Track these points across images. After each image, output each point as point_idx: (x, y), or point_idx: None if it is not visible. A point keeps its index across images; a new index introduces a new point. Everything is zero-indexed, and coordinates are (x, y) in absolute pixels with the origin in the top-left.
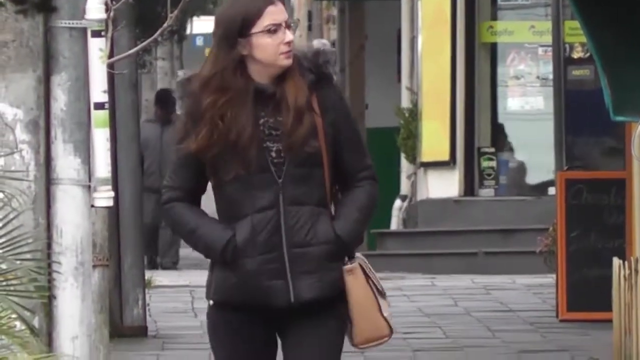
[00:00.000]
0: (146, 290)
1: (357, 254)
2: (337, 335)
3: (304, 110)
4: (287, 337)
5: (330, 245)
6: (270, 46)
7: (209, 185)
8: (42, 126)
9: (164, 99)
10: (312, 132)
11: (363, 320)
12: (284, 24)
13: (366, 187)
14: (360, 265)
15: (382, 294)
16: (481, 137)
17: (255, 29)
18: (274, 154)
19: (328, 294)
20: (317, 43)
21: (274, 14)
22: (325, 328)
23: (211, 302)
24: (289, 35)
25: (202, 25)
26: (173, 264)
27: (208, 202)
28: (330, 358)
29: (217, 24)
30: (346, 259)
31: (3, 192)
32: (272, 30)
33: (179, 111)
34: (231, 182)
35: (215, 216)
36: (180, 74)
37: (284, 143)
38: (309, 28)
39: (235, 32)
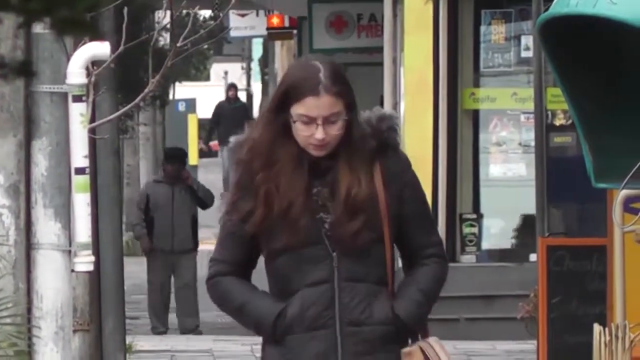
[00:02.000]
0: (127, 355)
1: (428, 340)
2: None
3: (357, 204)
4: None
5: (388, 326)
6: (301, 134)
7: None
8: (23, 191)
9: (173, 156)
10: (366, 226)
11: None
12: (320, 120)
13: (432, 265)
14: (421, 349)
15: None
16: (463, 203)
17: (292, 110)
18: (327, 226)
19: None
20: (379, 109)
21: (310, 108)
22: None
23: None
24: (319, 134)
25: (184, 90)
26: (196, 327)
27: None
28: None
29: (280, 81)
30: (409, 341)
31: None
32: (305, 122)
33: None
34: (281, 255)
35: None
36: (232, 139)
37: (332, 233)
38: None
39: (283, 101)
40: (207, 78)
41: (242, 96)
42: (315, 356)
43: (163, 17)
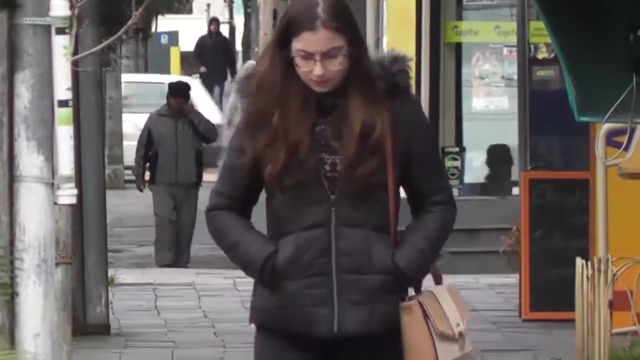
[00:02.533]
0: (109, 288)
1: (439, 287)
2: None
3: (371, 142)
4: None
5: (387, 275)
6: (301, 70)
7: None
8: (6, 123)
9: (178, 90)
10: (374, 167)
11: None
12: (317, 56)
13: (439, 213)
14: (421, 303)
15: (447, 336)
16: (446, 137)
17: (292, 44)
18: (328, 167)
19: (376, 330)
20: (392, 50)
21: (307, 43)
22: None
23: (252, 325)
24: (317, 70)
25: (167, 23)
26: (186, 263)
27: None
28: None
29: (283, 15)
30: (410, 292)
31: None
32: (303, 56)
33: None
34: (281, 194)
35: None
36: (242, 69)
37: (342, 174)
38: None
39: (284, 35)
40: (190, 11)
41: (225, 29)
42: (310, 304)
43: None
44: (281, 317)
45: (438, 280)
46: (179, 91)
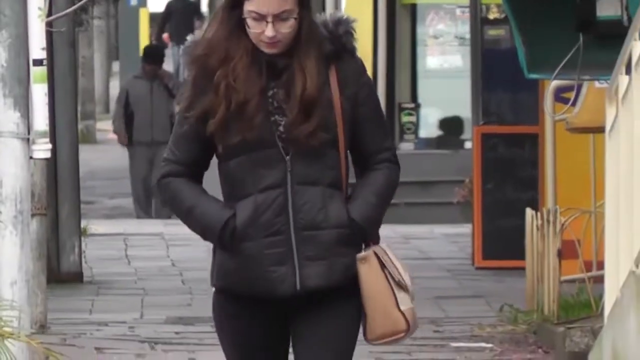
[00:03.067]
0: (82, 238)
1: (382, 244)
2: (351, 325)
3: (313, 103)
4: (297, 328)
5: (344, 229)
6: (252, 31)
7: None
8: None
9: (152, 54)
10: (321, 125)
11: (376, 314)
12: (269, 18)
13: (385, 170)
14: (376, 254)
15: (402, 286)
16: (402, 94)
17: (244, 6)
18: (282, 129)
19: (338, 282)
20: (336, 13)
21: (259, 4)
22: (338, 318)
23: (213, 288)
24: (269, 31)
25: None
26: (169, 217)
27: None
28: (344, 350)
29: None
30: (363, 245)
31: None
32: (255, 18)
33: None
34: (235, 157)
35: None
36: (189, 38)
37: (287, 134)
38: None
39: None
40: None
41: None
42: (270, 262)
43: None
44: (242, 279)
45: (376, 240)
46: (154, 57)
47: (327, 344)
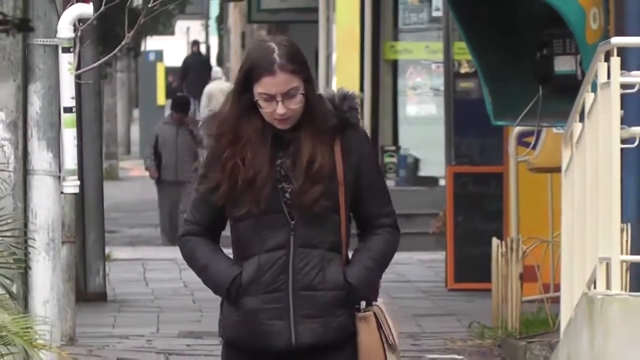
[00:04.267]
0: (106, 263)
1: (377, 302)
2: None
3: (318, 172)
4: None
5: (340, 291)
6: (265, 111)
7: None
8: (20, 126)
9: (180, 104)
10: (324, 194)
11: None
12: (279, 97)
13: (384, 235)
14: (375, 315)
15: (393, 347)
16: (384, 138)
17: (254, 89)
18: (288, 195)
19: (331, 340)
20: (342, 89)
21: (268, 86)
22: None
23: (220, 339)
24: (280, 109)
25: (154, 43)
26: None
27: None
28: None
29: (241, 63)
30: (363, 305)
31: None
32: (265, 99)
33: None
34: (243, 221)
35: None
36: (206, 111)
37: (291, 201)
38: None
39: (244, 81)
40: (172, 33)
41: (202, 48)
42: (269, 316)
43: None
44: (243, 332)
45: (375, 297)
46: (182, 106)
47: None
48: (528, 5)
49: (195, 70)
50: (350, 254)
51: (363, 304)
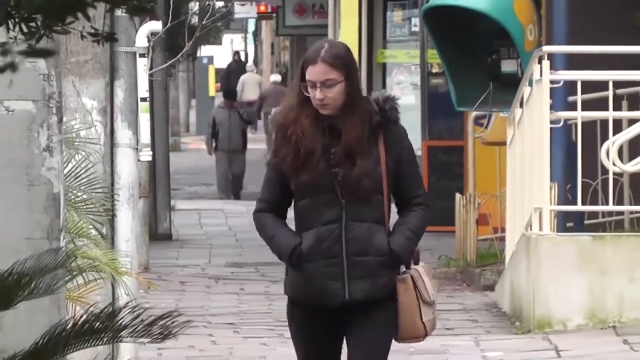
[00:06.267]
0: (171, 212)
1: (416, 266)
2: (388, 329)
3: (355, 155)
4: (349, 331)
5: (384, 257)
6: (310, 95)
7: None
8: (109, 112)
9: (229, 94)
10: (365, 172)
11: (405, 323)
12: (318, 84)
13: (419, 211)
14: (412, 276)
15: (427, 302)
16: None
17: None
18: (340, 178)
19: (378, 297)
20: (384, 91)
21: (310, 74)
22: (379, 323)
23: (286, 296)
24: (318, 94)
25: (207, 50)
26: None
27: None
28: (381, 347)
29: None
30: (403, 268)
31: (85, 151)
32: (310, 85)
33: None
34: (304, 196)
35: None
36: (274, 110)
37: (344, 182)
38: (272, 53)
39: (301, 71)
40: (220, 43)
41: (242, 56)
42: (327, 278)
43: (194, 5)
44: (305, 291)
45: (417, 261)
46: (230, 95)
47: (370, 342)
48: (482, 22)
49: (235, 73)
50: (391, 227)
51: (403, 268)
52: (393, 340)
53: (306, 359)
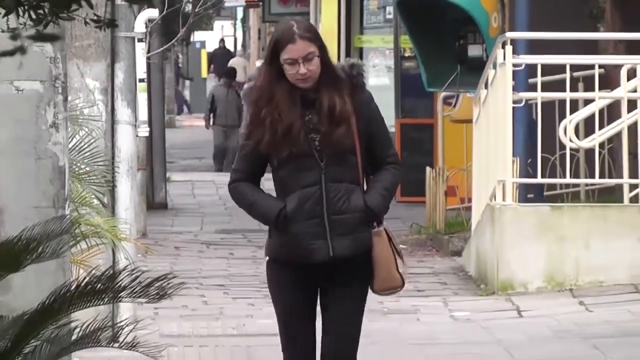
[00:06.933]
0: (167, 183)
1: (384, 223)
2: (364, 286)
3: (336, 116)
4: (327, 289)
5: (362, 213)
6: (289, 73)
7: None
8: (109, 91)
9: (228, 73)
10: (344, 132)
11: (382, 272)
12: (300, 60)
13: (391, 169)
14: (385, 230)
15: (400, 254)
16: None
17: (280, 57)
18: (317, 143)
19: (359, 252)
20: (350, 59)
21: (291, 52)
22: (356, 281)
23: (267, 258)
24: (302, 69)
25: (200, 35)
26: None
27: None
28: (359, 304)
29: (269, 41)
30: (375, 224)
31: (88, 128)
32: (290, 63)
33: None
34: (284, 165)
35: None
36: (246, 86)
37: (321, 146)
38: (259, 38)
39: (273, 53)
40: (212, 29)
41: (231, 40)
42: (311, 237)
43: None
44: (289, 251)
45: (380, 222)
46: (229, 75)
47: (349, 297)
48: (451, 10)
49: (220, 57)
50: (365, 186)
51: (375, 224)
52: (368, 298)
53: (284, 312)
